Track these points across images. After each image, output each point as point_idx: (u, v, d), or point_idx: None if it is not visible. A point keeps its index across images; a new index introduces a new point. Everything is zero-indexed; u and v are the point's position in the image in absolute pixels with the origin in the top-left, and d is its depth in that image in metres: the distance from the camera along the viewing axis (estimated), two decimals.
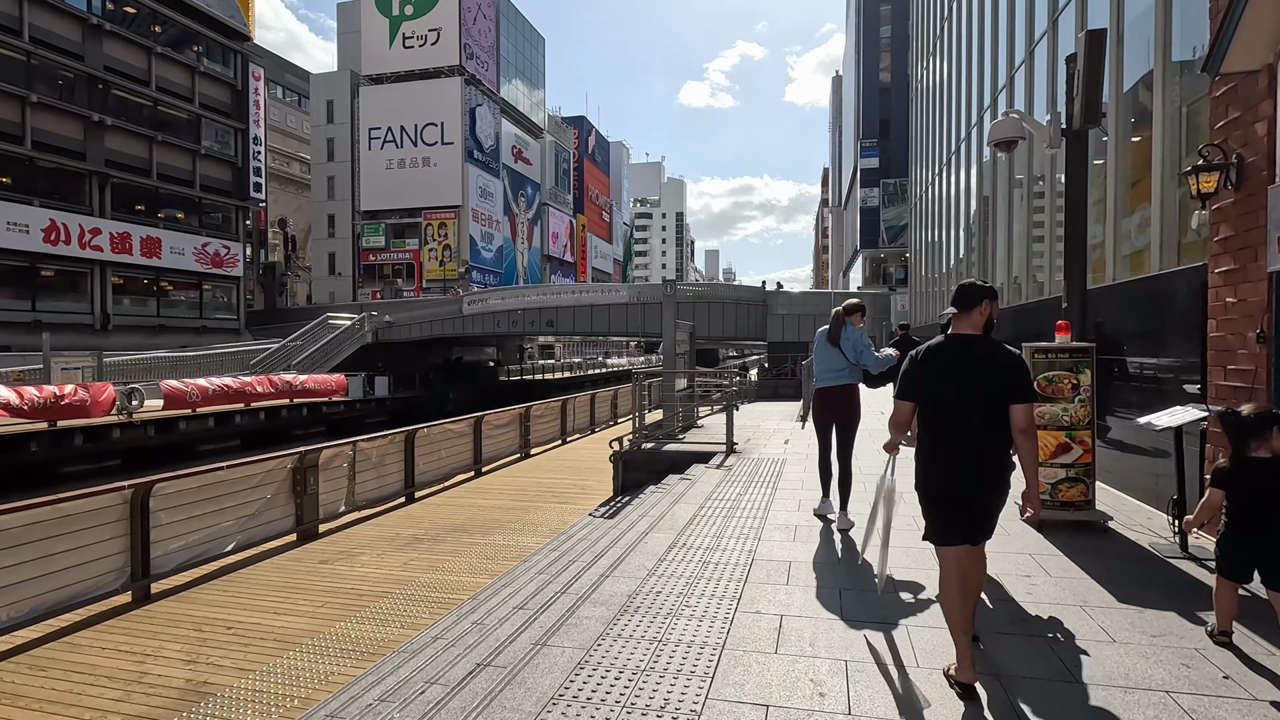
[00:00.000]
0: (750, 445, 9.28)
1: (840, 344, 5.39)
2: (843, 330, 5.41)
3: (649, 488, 8.15)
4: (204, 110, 32.19)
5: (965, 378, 2.73)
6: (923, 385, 2.85)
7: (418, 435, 9.42)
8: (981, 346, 2.78)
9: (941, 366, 2.79)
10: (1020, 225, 11.53)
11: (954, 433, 2.74)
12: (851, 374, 5.46)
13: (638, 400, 9.02)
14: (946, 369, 2.77)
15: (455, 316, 31.58)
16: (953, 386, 2.75)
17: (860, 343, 5.44)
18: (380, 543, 7.16)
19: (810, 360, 6.46)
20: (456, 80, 51.90)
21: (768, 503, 5.80)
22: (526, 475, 10.84)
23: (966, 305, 2.81)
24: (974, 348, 2.77)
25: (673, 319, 9.64)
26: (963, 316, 2.83)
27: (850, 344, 5.40)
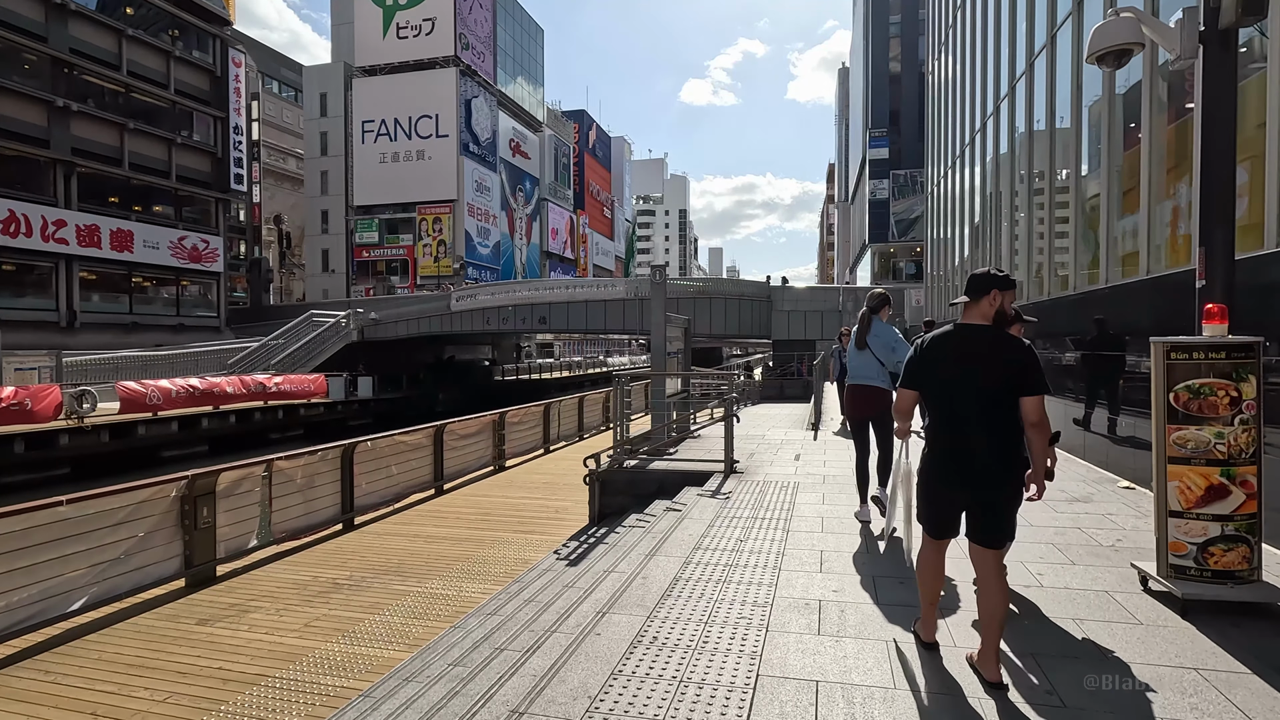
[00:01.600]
0: (754, 463, 7.75)
1: (870, 345, 5.03)
2: (870, 329, 5.07)
3: (630, 516, 6.65)
4: (180, 97, 30.69)
5: (968, 368, 2.67)
6: (926, 374, 2.79)
7: (358, 450, 7.92)
8: (987, 337, 2.70)
9: (945, 356, 2.73)
10: (1026, 221, 11.37)
11: (954, 424, 2.69)
12: (881, 376, 5.05)
13: (619, 408, 7.51)
14: (950, 359, 2.72)
15: (443, 313, 30.08)
16: (955, 376, 2.69)
17: (890, 341, 5.03)
18: (289, 591, 5.68)
19: (820, 360, 6.62)
20: (452, 71, 50.43)
21: (778, 556, 4.27)
22: (494, 495, 9.35)
23: (976, 294, 2.75)
24: (979, 338, 2.71)
25: (662, 312, 8.12)
26: (972, 306, 2.76)
27: (881, 344, 5.01)
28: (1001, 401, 2.60)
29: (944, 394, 2.73)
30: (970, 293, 2.77)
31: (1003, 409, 2.60)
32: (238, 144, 32.99)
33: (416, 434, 9.19)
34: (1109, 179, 7.70)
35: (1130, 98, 7.50)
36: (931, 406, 2.80)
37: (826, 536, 4.61)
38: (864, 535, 4.67)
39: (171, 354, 25.07)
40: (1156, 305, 6.05)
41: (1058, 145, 9.94)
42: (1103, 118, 8.07)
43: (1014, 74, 12.50)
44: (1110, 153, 7.74)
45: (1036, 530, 4.61)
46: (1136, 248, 6.67)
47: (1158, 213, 6.45)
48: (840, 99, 74.37)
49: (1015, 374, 2.59)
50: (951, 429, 2.69)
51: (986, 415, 2.62)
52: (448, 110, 50.44)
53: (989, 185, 15.08)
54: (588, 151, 78.21)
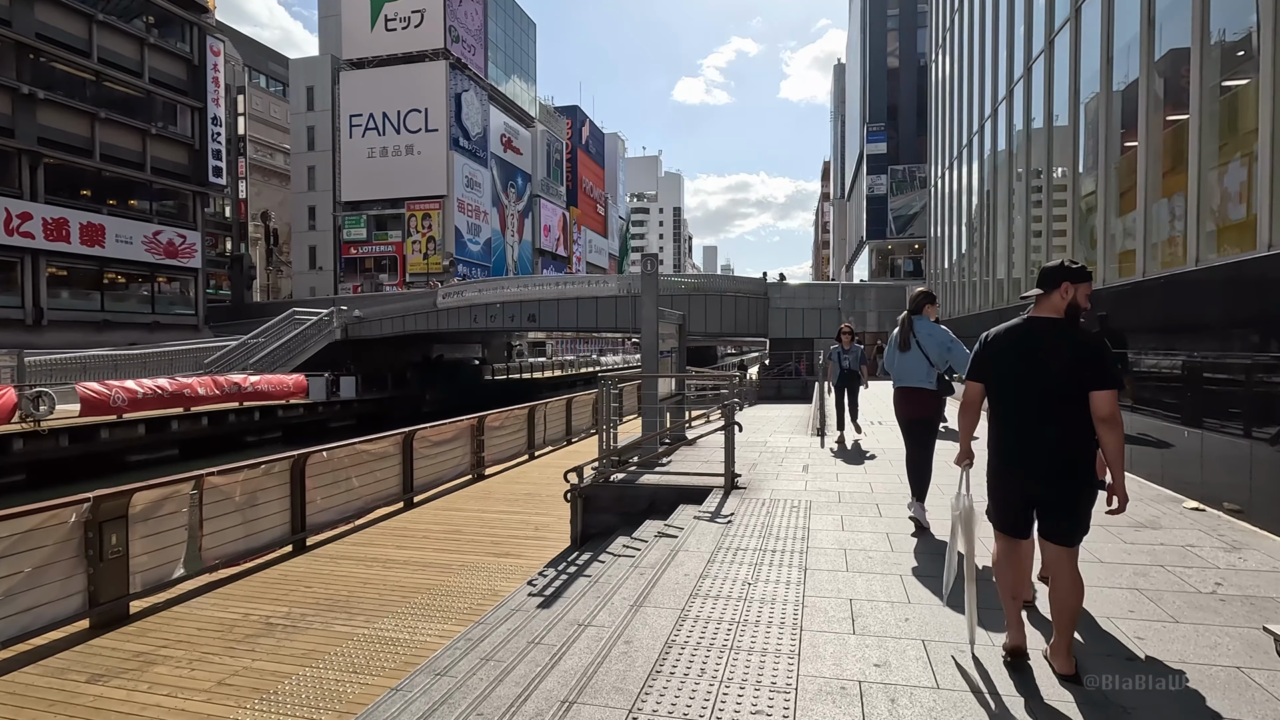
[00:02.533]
0: (758, 475, 6.89)
1: (921, 344, 4.83)
2: (914, 328, 4.89)
3: (618, 540, 5.78)
4: (155, 86, 29.51)
5: (1036, 361, 2.60)
6: (992, 367, 2.74)
7: (311, 462, 7.02)
8: (1057, 330, 2.62)
9: (1013, 349, 2.68)
10: (1021, 221, 11.65)
11: (1022, 420, 2.63)
12: (929, 377, 4.85)
13: (605, 414, 6.63)
14: (1018, 352, 2.66)
15: (429, 311, 29.07)
16: (1023, 370, 2.63)
17: (945, 341, 4.84)
18: (211, 633, 4.79)
19: (824, 361, 6.72)
20: (441, 64, 49.41)
21: (797, 607, 3.41)
22: (469, 508, 8.46)
23: (1047, 287, 2.68)
24: (1049, 331, 2.63)
25: (654, 308, 7.25)
26: (1044, 299, 2.68)
27: (934, 343, 4.83)
28: (1071, 396, 2.53)
29: (1011, 388, 2.67)
30: (1042, 285, 2.69)
31: (1072, 404, 2.53)
32: (216, 136, 31.85)
33: (381, 442, 8.29)
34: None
35: (1129, 94, 7.49)
36: (997, 401, 2.74)
37: (854, 579, 3.75)
38: (900, 574, 3.82)
39: (144, 353, 24.03)
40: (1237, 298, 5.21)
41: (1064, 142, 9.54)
42: (1099, 117, 8.27)
43: (1012, 78, 12.85)
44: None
45: (1111, 570, 3.76)
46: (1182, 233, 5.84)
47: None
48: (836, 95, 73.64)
49: (1085, 367, 2.52)
50: (1019, 423, 2.63)
51: (1055, 410, 2.56)
52: (437, 104, 49.42)
53: (985, 183, 15.16)
54: (581, 148, 77.22)
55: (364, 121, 50.80)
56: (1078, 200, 9.27)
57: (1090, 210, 8.64)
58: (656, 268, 7.31)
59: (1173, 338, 6.15)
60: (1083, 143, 9.17)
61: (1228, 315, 5.22)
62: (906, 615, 3.21)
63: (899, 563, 4.01)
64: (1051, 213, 10.88)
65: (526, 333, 46.42)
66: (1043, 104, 10.94)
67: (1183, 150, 6.07)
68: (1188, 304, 5.85)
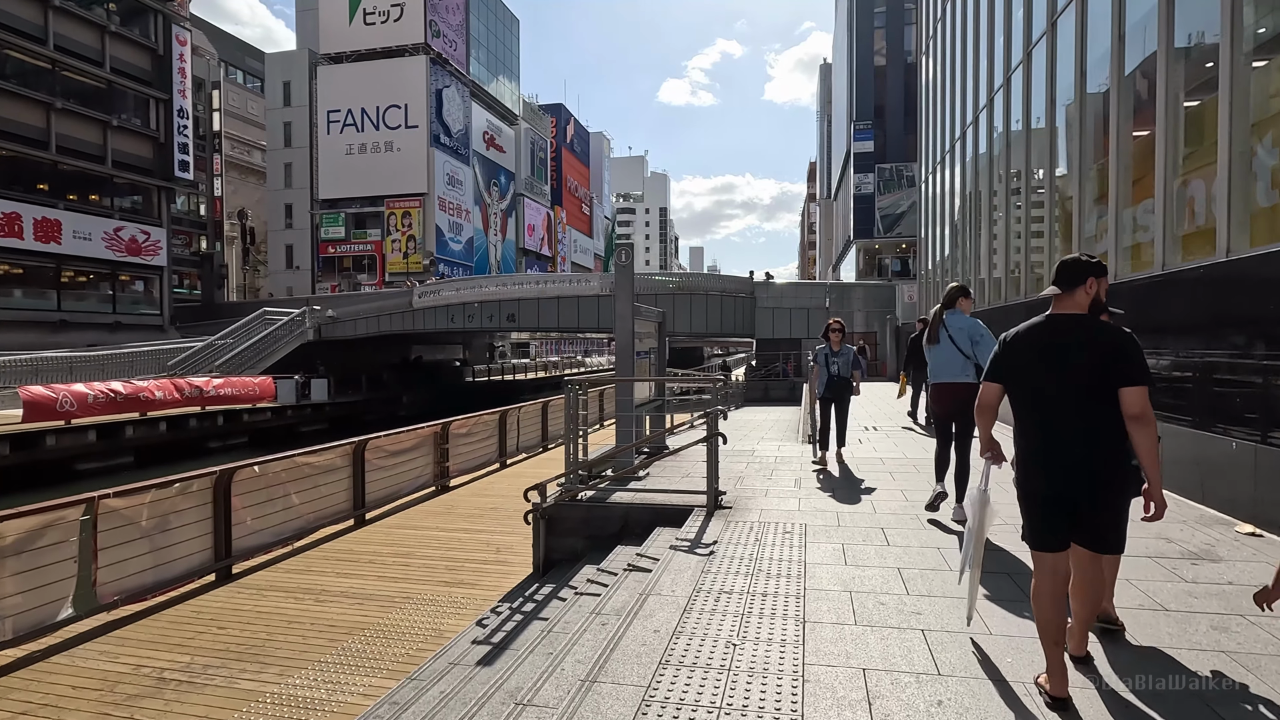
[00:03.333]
0: (744, 491, 6.14)
1: (953, 337, 4.87)
2: (945, 321, 4.95)
3: (583, 572, 5.02)
4: (117, 76, 28.26)
5: (1063, 360, 2.46)
6: (1015, 369, 2.59)
7: (239, 478, 6.18)
8: (1082, 325, 2.49)
9: (1037, 348, 2.53)
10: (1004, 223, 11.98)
11: (1051, 422, 2.47)
12: (965, 370, 4.83)
13: (572, 423, 5.86)
14: (1042, 350, 2.51)
15: (404, 311, 28.09)
16: (1049, 370, 2.48)
17: (972, 333, 4.83)
18: (89, 693, 3.99)
19: (810, 365, 6.01)
20: (421, 59, 48.35)
21: (795, 680, 2.64)
22: (426, 526, 7.65)
23: (1069, 284, 2.52)
24: (1075, 327, 2.50)
25: (628, 304, 6.49)
26: (1065, 297, 2.54)
27: (966, 334, 4.84)
28: (1100, 395, 2.41)
29: (1036, 389, 2.53)
30: (1061, 283, 2.55)
31: (1101, 403, 2.41)
32: (183, 129, 30.63)
33: (328, 453, 7.45)
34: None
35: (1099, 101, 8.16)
36: (1022, 404, 2.57)
37: (866, 636, 3.00)
38: (923, 629, 3.08)
39: (103, 355, 22.89)
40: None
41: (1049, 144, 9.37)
42: (1074, 125, 8.90)
43: (992, 86, 13.29)
44: None
45: (1182, 624, 3.03)
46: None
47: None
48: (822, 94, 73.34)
49: (1115, 364, 2.40)
50: (1045, 427, 2.50)
51: (1083, 411, 2.43)
52: (417, 100, 48.36)
53: (970, 185, 15.39)
54: (565, 147, 76.33)
55: (342, 117, 49.64)
56: (1062, 200, 9.55)
57: (1098, 201, 8.10)
58: (632, 258, 6.55)
59: (1223, 334, 5.50)
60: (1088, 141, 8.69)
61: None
62: (939, 696, 2.46)
63: (918, 611, 3.27)
64: (1030, 213, 11.22)
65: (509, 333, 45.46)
66: (1022, 109, 11.44)
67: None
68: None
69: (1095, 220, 8.40)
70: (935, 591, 3.52)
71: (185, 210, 48.11)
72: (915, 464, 7.24)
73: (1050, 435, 2.46)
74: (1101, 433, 2.40)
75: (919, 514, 5.11)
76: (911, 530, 4.65)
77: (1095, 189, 8.40)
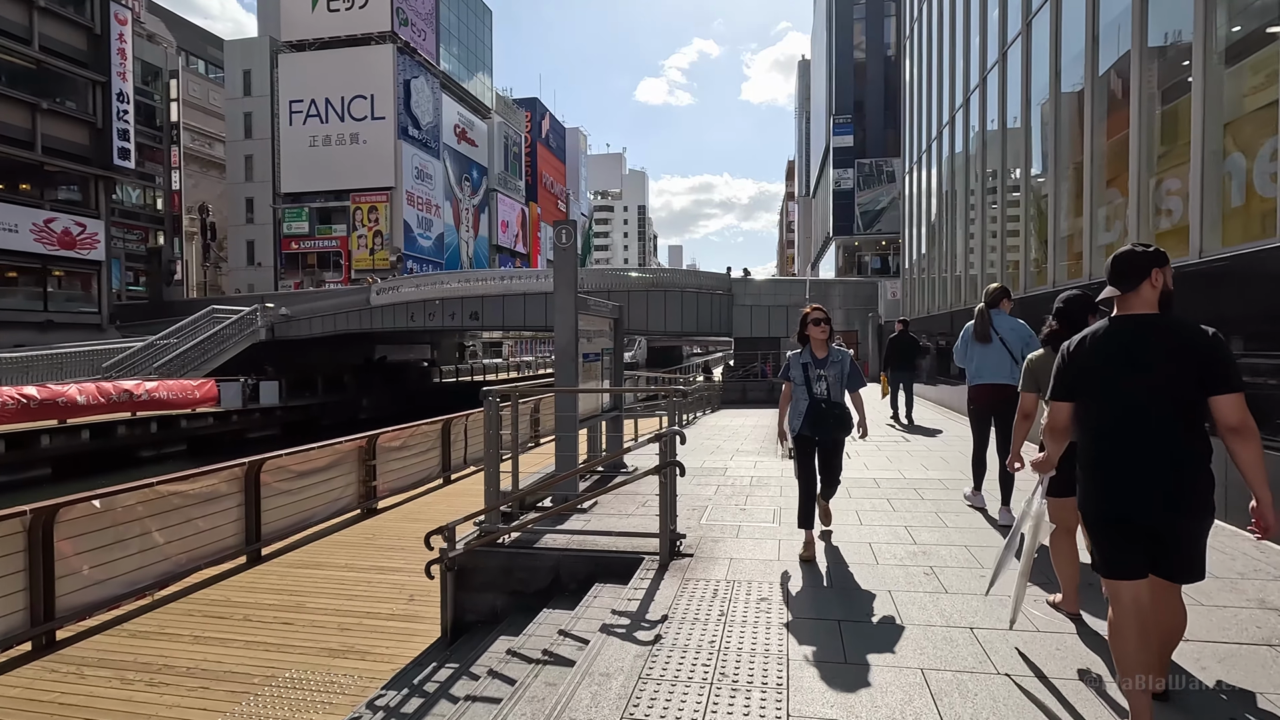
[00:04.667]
0: (711, 530, 4.94)
1: (1004, 339, 4.80)
2: (993, 321, 4.89)
3: (493, 651, 3.79)
4: (47, 56, 26.23)
5: (1144, 368, 2.15)
6: (1086, 380, 2.28)
7: (64, 518, 4.83)
8: (1162, 327, 2.17)
9: (1111, 356, 2.22)
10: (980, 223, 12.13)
11: (1132, 439, 2.17)
12: (1014, 372, 4.59)
13: (493, 446, 4.62)
14: (1118, 358, 2.21)
15: (362, 309, 26.51)
16: (1128, 379, 2.18)
17: (1025, 336, 4.78)
18: None
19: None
20: (388, 48, 46.59)
21: None
22: (332, 564, 6.34)
23: (1133, 281, 2.21)
24: (1152, 329, 2.18)
25: (570, 295, 5.26)
26: (1130, 296, 2.22)
27: (1017, 337, 4.78)
28: (1185, 407, 2.12)
29: (1113, 402, 2.21)
30: (1121, 280, 2.24)
31: (1189, 415, 2.12)
32: (123, 114, 28.64)
33: (209, 478, 6.11)
34: None
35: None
36: (1090, 420, 2.28)
37: None
38: None
39: (27, 356, 21.07)
40: None
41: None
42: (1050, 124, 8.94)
43: (968, 87, 13.23)
44: None
45: None
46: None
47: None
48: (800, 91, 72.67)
49: (1201, 369, 2.09)
50: (1122, 446, 2.17)
51: (1170, 424, 2.13)
52: (384, 90, 46.58)
53: (946, 183, 15.26)
54: (540, 141, 74.77)
55: (305, 108, 47.69)
56: (1038, 199, 9.65)
57: (1074, 200, 7.23)
58: (575, 239, 5.31)
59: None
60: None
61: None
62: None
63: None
64: (1007, 212, 11.27)
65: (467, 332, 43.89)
66: (997, 109, 11.54)
67: None
68: None
69: (1070, 220, 8.51)
70: (981, 715, 2.35)
71: (141, 204, 45.87)
72: (917, 487, 6.09)
73: (1128, 456, 2.18)
74: (1188, 451, 2.13)
75: (934, 565, 3.95)
76: (929, 596, 3.48)
77: (1071, 188, 8.51)
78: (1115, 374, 2.20)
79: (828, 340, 4.20)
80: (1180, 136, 5.86)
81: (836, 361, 4.19)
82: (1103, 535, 2.26)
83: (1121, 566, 2.21)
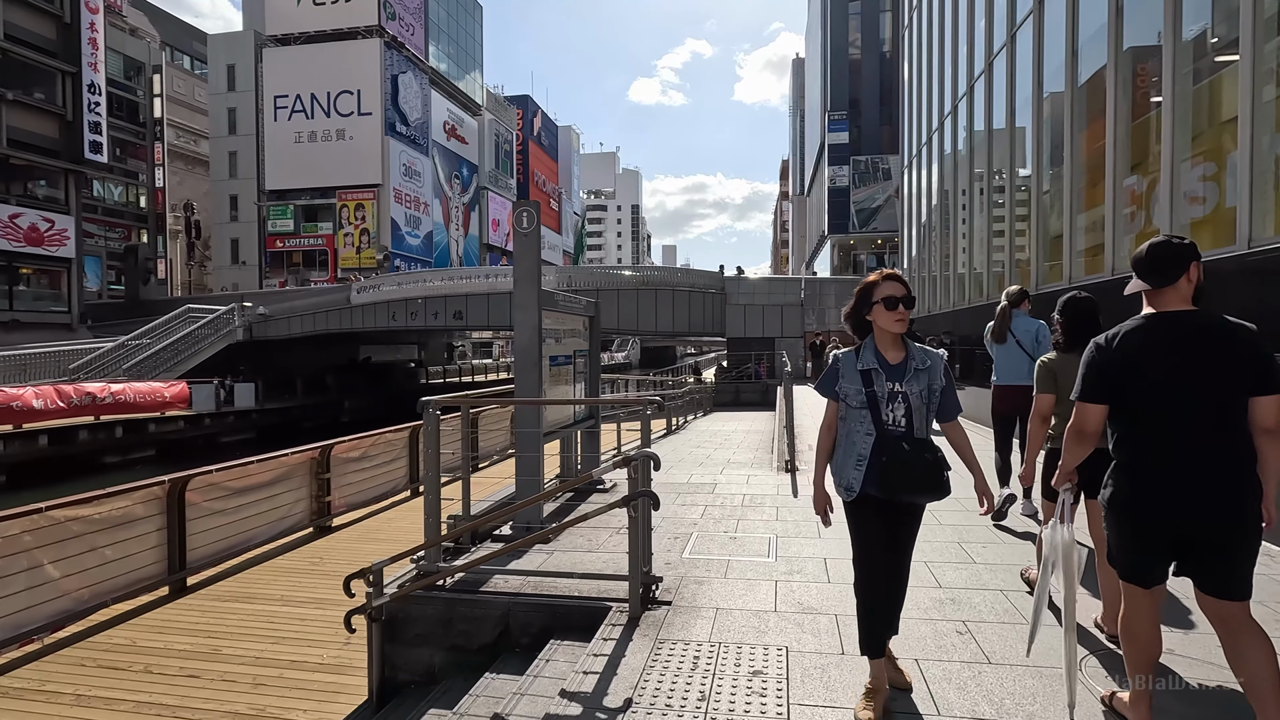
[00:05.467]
0: (693, 566, 4.18)
1: (1020, 341, 4.87)
2: (1012, 322, 4.92)
3: None
4: (12, 44, 25.21)
5: (1186, 367, 2.03)
6: (1125, 381, 2.11)
7: None
8: (1205, 324, 2.04)
9: (1149, 354, 2.08)
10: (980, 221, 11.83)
11: (1174, 443, 2.04)
12: (1031, 374, 3.87)
13: (433, 468, 3.87)
14: (1157, 356, 2.07)
15: (342, 308, 25.65)
16: (1169, 379, 2.05)
17: (1042, 334, 4.82)
18: None
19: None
20: (375, 42, 45.68)
21: None
22: (266, 595, 5.56)
23: (1171, 275, 2.08)
24: (1188, 326, 2.06)
25: (533, 288, 4.49)
26: (1167, 291, 2.10)
27: (1034, 337, 4.84)
28: (1233, 406, 2.01)
29: (1154, 403, 2.08)
30: (1153, 275, 2.12)
31: (1236, 416, 2.01)
32: (95, 106, 27.66)
33: (120, 499, 5.31)
34: None
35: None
36: (1126, 422, 2.15)
37: None
38: None
39: None
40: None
41: None
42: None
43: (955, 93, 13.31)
44: None
45: None
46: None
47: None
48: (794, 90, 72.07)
49: (1243, 367, 1.99)
50: (1161, 451, 2.06)
51: (1212, 426, 2.01)
52: (371, 85, 45.68)
53: (939, 183, 15.07)
54: (532, 139, 73.92)
55: (290, 103, 46.73)
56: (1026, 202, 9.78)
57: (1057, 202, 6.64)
58: (537, 224, 4.55)
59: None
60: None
61: None
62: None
63: None
64: (992, 214, 11.20)
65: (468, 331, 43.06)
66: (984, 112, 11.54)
67: None
68: None
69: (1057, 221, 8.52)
70: None
71: (124, 202, 44.84)
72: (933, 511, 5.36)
73: (1172, 456, 2.04)
74: (1233, 452, 2.00)
75: (967, 619, 3.21)
76: (968, 668, 2.73)
77: (1055, 190, 8.56)
78: (1159, 373, 2.06)
79: (898, 334, 2.51)
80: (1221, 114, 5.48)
81: (923, 369, 2.48)
82: (1137, 542, 2.14)
83: (1152, 575, 2.13)
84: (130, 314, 30.22)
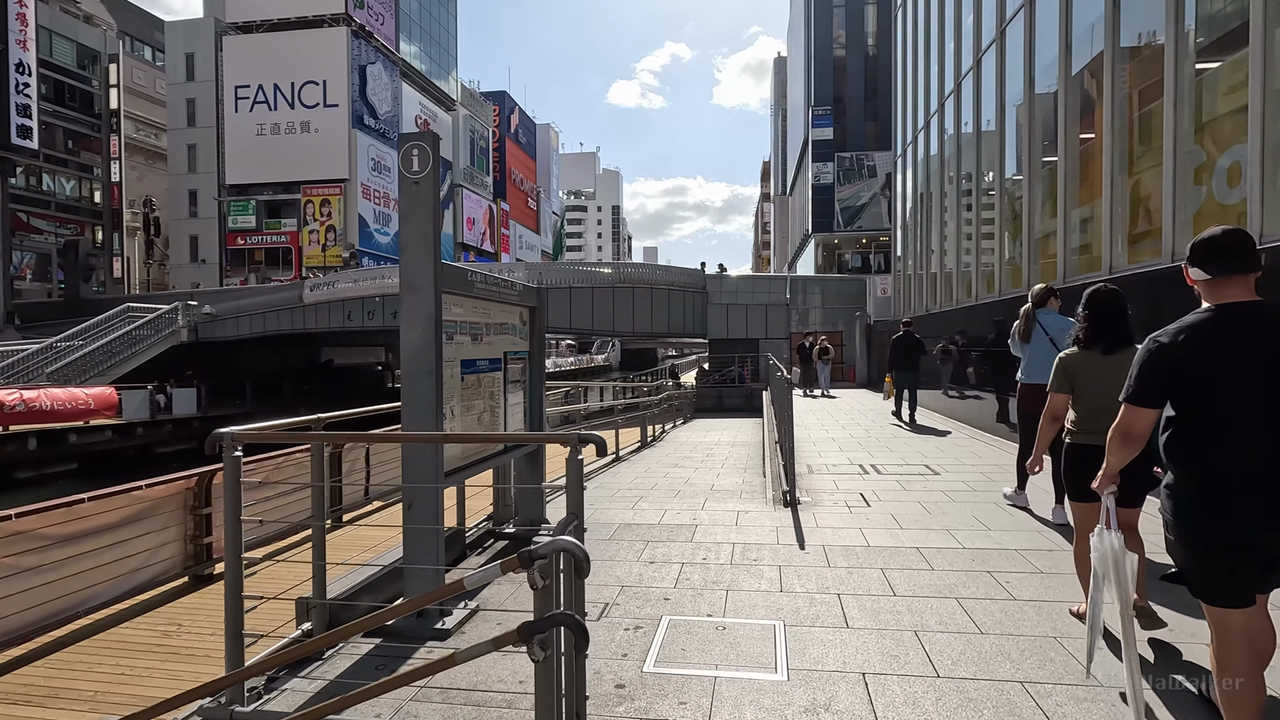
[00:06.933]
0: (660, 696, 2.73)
1: (1052, 338, 4.76)
2: (1037, 322, 4.90)
3: None
4: None
5: (1263, 364, 1.82)
6: (1194, 379, 1.89)
7: None
8: (1274, 315, 1.87)
9: (1220, 350, 1.88)
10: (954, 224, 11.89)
11: (1246, 449, 1.83)
12: None
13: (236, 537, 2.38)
14: (1233, 350, 1.87)
15: (294, 307, 23.87)
16: (1242, 377, 1.84)
17: (1066, 330, 4.70)
18: None
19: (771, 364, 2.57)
20: (342, 30, 43.80)
21: None
22: (81, 690, 3.94)
23: (1243, 264, 1.89)
24: (1265, 319, 1.86)
25: (429, 265, 3.01)
26: (1236, 280, 1.90)
27: (1062, 334, 4.72)
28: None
29: (1215, 404, 1.88)
30: (1230, 263, 1.90)
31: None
32: (23, 87, 25.56)
33: None
34: None
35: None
36: (1192, 424, 1.93)
37: None
38: None
39: None
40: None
41: None
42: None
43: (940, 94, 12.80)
44: None
45: None
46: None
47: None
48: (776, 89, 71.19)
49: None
50: (1236, 456, 1.84)
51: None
52: (338, 76, 43.77)
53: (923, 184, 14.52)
54: (510, 137, 72.17)
55: (252, 94, 44.68)
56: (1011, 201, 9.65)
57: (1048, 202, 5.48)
58: (432, 163, 3.08)
59: None
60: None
61: None
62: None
63: None
64: (982, 215, 10.95)
65: None
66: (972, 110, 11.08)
67: None
68: None
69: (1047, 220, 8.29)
70: None
71: (77, 197, 42.44)
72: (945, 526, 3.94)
73: (1248, 463, 1.83)
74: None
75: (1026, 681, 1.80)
76: None
77: (1045, 190, 8.37)
78: (1235, 368, 1.85)
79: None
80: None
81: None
82: (1215, 559, 1.88)
83: (1238, 595, 1.88)
84: (67, 314, 28.09)
